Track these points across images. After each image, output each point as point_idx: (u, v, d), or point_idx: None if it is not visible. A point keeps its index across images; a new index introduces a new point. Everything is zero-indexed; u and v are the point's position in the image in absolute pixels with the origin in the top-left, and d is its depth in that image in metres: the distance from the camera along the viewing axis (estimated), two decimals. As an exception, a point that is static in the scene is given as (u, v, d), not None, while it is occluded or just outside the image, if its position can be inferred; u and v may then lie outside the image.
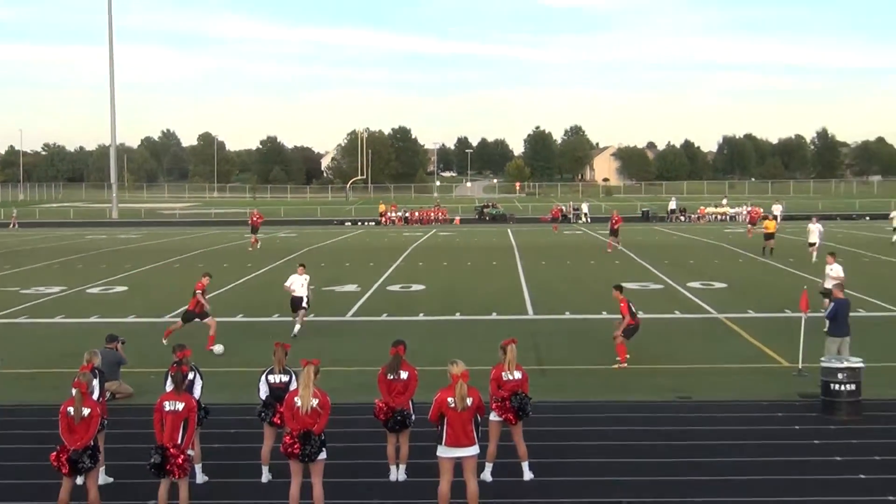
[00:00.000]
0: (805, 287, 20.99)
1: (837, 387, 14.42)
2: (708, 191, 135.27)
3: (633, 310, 18.73)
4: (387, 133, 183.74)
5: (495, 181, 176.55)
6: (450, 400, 10.36)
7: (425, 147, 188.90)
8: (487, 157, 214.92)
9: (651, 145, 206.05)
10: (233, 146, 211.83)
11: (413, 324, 24.47)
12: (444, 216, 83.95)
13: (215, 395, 14.64)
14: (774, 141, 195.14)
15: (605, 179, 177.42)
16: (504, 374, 11.98)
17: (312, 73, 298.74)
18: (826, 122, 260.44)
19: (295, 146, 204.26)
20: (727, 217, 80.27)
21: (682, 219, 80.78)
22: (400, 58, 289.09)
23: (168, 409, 10.42)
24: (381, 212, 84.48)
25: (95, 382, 11.49)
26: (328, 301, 28.09)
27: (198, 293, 21.10)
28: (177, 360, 11.75)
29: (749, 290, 30.02)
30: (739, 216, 77.89)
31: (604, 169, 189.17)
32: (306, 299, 22.46)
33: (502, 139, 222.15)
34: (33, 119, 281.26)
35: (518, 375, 12.01)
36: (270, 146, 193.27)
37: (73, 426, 10.22)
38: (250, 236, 51.69)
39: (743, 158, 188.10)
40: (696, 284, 31.43)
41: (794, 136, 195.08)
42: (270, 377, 11.96)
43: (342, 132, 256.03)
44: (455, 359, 10.78)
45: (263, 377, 12.02)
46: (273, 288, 28.76)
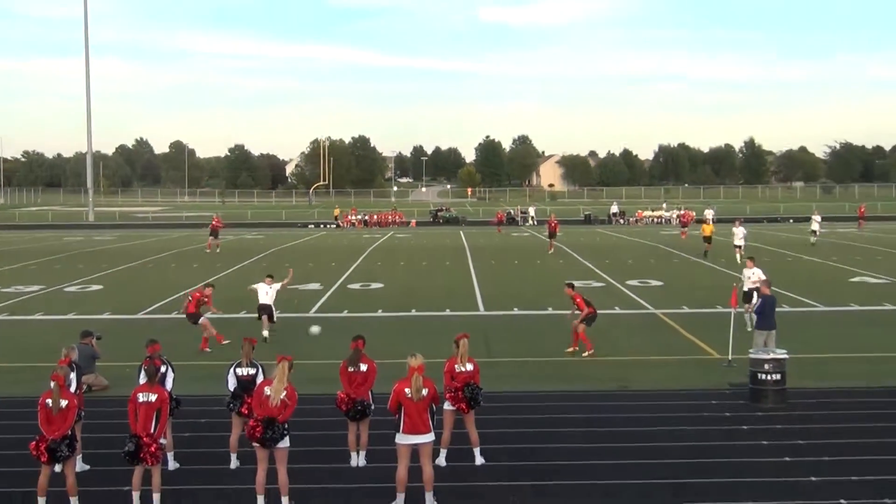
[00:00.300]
0: (735, 284, 21.33)
1: (764, 376, 14.60)
2: (645, 196, 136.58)
3: (588, 300, 19.03)
4: (347, 142, 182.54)
5: (448, 187, 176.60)
6: (407, 390, 10.35)
7: (383, 155, 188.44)
8: (441, 165, 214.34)
9: (593, 153, 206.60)
10: (203, 153, 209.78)
11: (372, 320, 24.42)
12: (401, 219, 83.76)
13: (186, 387, 14.49)
14: (706, 150, 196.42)
15: (551, 185, 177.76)
16: (457, 366, 12.01)
17: (277, 85, 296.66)
18: (753, 133, 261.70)
19: (261, 153, 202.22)
20: (663, 220, 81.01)
21: (622, 222, 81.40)
22: (360, 71, 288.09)
23: (141, 400, 10.32)
24: (336, 215, 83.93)
25: (73, 375, 11.34)
26: (293, 298, 27.88)
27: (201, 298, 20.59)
28: (149, 355, 11.68)
29: (683, 288, 30.31)
30: (672, 219, 78.64)
31: (549, 175, 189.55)
32: (273, 316, 21.27)
33: (455, 148, 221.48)
34: (13, 127, 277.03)
35: (470, 367, 12.04)
36: (238, 153, 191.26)
37: (52, 417, 10.10)
38: (209, 238, 50.35)
39: (677, 166, 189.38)
40: (634, 282, 31.67)
41: (723, 146, 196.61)
42: (238, 370, 11.89)
43: (306, 141, 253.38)
44: (415, 352, 10.76)
45: (232, 370, 11.95)
46: (241, 287, 28.48)
